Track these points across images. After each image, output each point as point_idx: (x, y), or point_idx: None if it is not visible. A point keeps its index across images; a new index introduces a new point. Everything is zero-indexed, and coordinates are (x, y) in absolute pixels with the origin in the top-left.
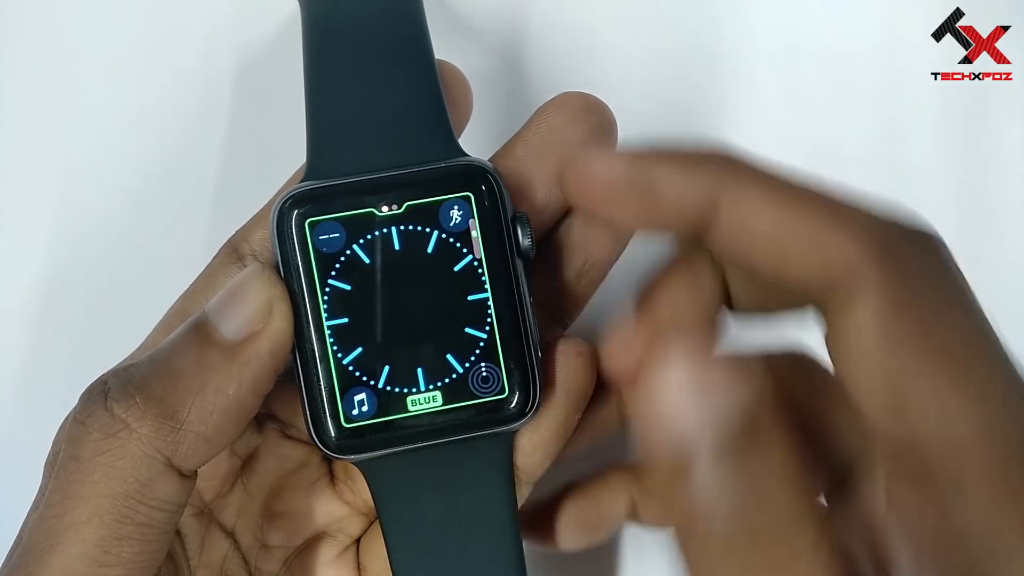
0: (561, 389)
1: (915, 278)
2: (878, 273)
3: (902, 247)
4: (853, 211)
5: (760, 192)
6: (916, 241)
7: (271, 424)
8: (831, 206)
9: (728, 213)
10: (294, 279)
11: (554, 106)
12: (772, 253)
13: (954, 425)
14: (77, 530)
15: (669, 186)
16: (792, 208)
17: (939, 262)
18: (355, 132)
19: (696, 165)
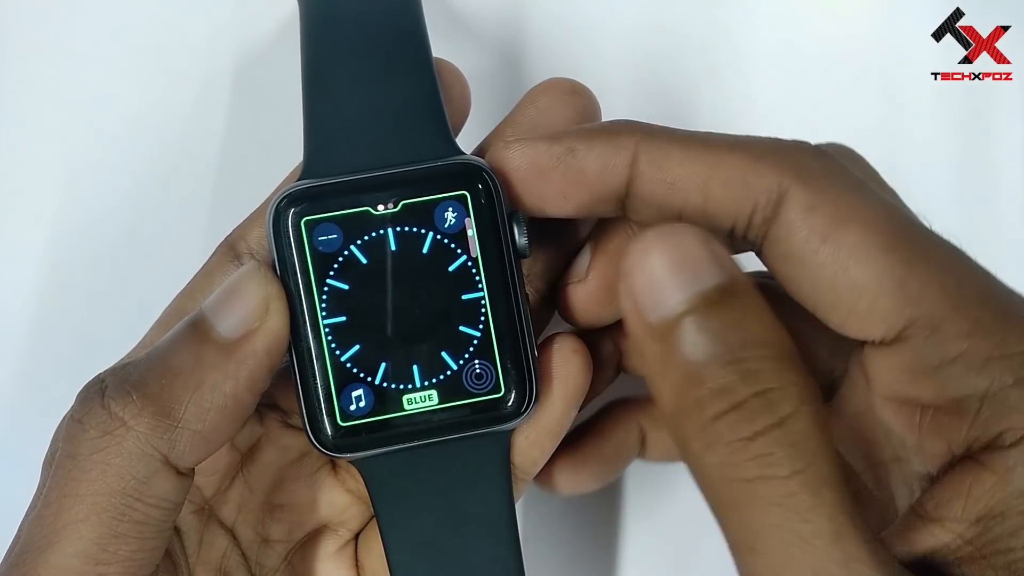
0: (557, 387)
1: (830, 183)
2: (797, 185)
3: (812, 162)
4: (757, 146)
5: (673, 146)
6: (823, 155)
7: (272, 414)
8: (735, 144)
9: (648, 169)
10: (290, 277)
11: (541, 90)
12: (693, 197)
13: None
14: (75, 528)
15: (588, 154)
16: (703, 152)
17: (845, 166)
18: (352, 130)
19: (610, 133)
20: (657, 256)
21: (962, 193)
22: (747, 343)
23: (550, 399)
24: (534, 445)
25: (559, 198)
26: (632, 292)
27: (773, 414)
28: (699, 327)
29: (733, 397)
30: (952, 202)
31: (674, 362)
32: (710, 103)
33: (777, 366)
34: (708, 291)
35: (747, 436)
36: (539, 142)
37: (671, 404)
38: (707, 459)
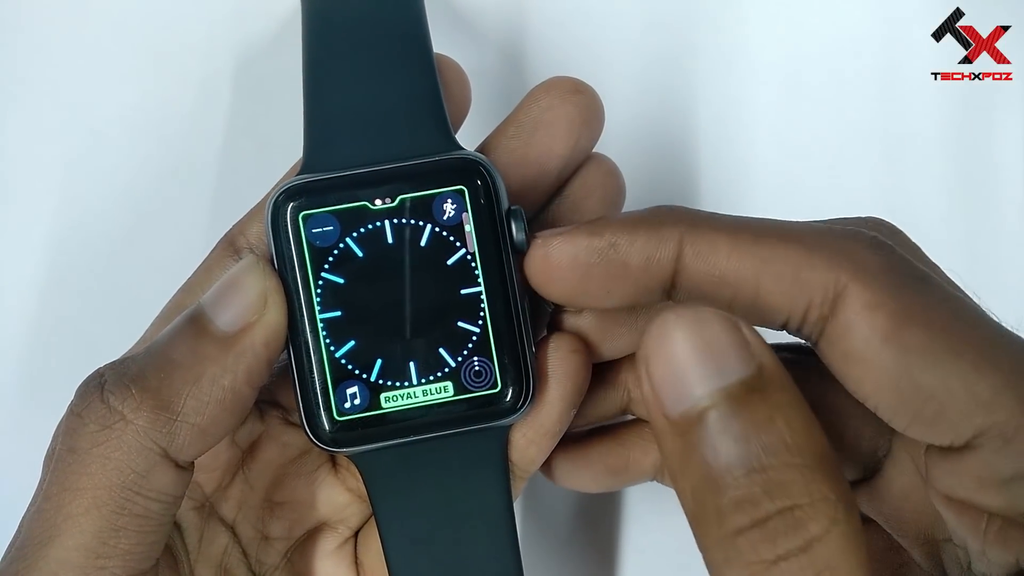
0: (556, 386)
1: (890, 279)
2: (856, 282)
3: (870, 255)
4: (810, 237)
5: (721, 238)
6: (880, 247)
7: (273, 411)
8: (786, 235)
9: (694, 263)
10: (288, 272)
11: (544, 88)
12: (744, 292)
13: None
14: (75, 521)
15: (631, 249)
16: (752, 245)
17: (906, 258)
18: (352, 126)
19: (652, 224)
20: (678, 342)
21: (962, 193)
22: (774, 448)
23: (548, 398)
24: (532, 443)
25: (602, 294)
26: (651, 379)
27: (799, 536)
28: (722, 427)
29: (755, 512)
30: (952, 202)
31: (694, 462)
32: (710, 103)
33: (806, 477)
34: (732, 386)
35: (769, 559)
36: (579, 237)
37: (690, 506)
38: (725, 573)
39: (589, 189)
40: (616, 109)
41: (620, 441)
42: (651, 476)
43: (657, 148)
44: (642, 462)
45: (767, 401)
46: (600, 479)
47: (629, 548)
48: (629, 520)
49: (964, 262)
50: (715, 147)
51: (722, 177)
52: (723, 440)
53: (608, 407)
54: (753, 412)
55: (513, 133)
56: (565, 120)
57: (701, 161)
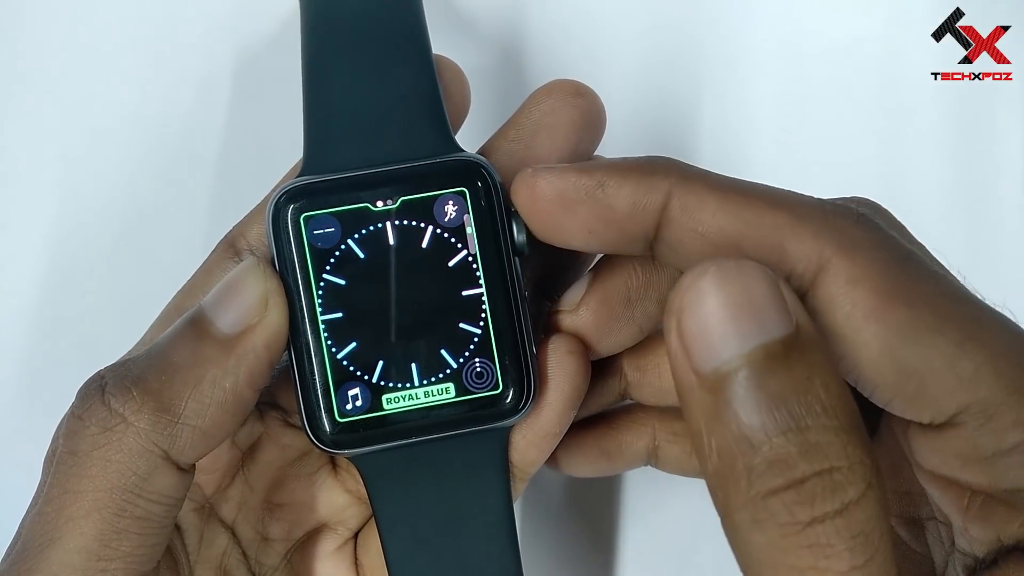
0: (555, 387)
1: (875, 255)
2: (840, 256)
3: (856, 230)
4: (798, 206)
5: (710, 195)
6: (867, 223)
7: (273, 412)
8: (775, 202)
9: (679, 216)
10: (289, 273)
11: (545, 91)
12: (722, 252)
13: (972, 389)
14: (76, 524)
15: (619, 192)
16: (740, 206)
17: (892, 235)
18: (351, 127)
19: (643, 171)
20: (715, 296)
21: (962, 193)
22: (811, 409)
23: (548, 400)
24: (532, 445)
25: (584, 233)
26: (682, 333)
27: (836, 499)
28: (758, 385)
29: (791, 473)
30: (952, 202)
31: (724, 419)
32: (711, 103)
33: (844, 440)
34: (772, 343)
35: (804, 521)
36: (568, 173)
37: (716, 464)
38: (753, 535)
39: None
40: (617, 110)
41: (613, 425)
42: (644, 460)
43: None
44: (635, 445)
45: (805, 361)
46: (595, 462)
47: (629, 548)
48: (629, 520)
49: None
50: (716, 148)
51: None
52: (759, 398)
53: (607, 396)
54: (791, 372)
55: (514, 136)
56: (566, 123)
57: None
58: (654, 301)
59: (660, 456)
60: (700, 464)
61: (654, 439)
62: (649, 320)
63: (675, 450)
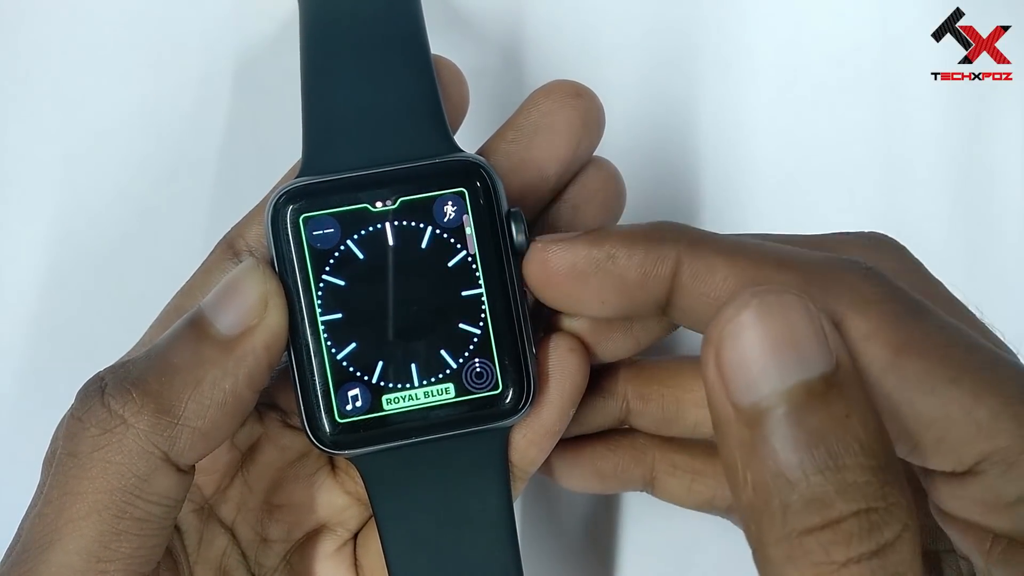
0: (555, 386)
1: (887, 308)
2: (852, 313)
3: (866, 286)
4: (807, 266)
5: (719, 260)
6: (876, 278)
7: (272, 414)
8: (783, 263)
9: (690, 283)
10: (288, 274)
11: (543, 92)
12: None
13: (992, 437)
14: (76, 526)
15: (629, 263)
16: (750, 270)
17: (902, 288)
18: (350, 128)
19: (651, 240)
20: (756, 329)
21: (962, 193)
22: (849, 448)
23: (548, 398)
24: (532, 444)
25: (597, 303)
26: (720, 365)
27: (873, 540)
28: (797, 422)
29: (828, 513)
30: (952, 202)
31: (761, 455)
32: (710, 103)
33: (881, 479)
34: (812, 380)
35: (840, 561)
36: (579, 245)
37: (751, 498)
38: (787, 572)
39: (589, 193)
40: (616, 111)
41: (612, 447)
42: (640, 486)
43: (658, 151)
44: (631, 471)
45: (844, 398)
46: (588, 481)
47: (629, 548)
48: (629, 520)
49: (963, 263)
50: (716, 148)
51: (723, 178)
52: (797, 435)
53: (606, 417)
54: (830, 409)
55: (513, 137)
56: (565, 124)
57: (702, 163)
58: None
59: (657, 486)
60: (734, 496)
61: (652, 468)
62: (647, 335)
63: (673, 482)
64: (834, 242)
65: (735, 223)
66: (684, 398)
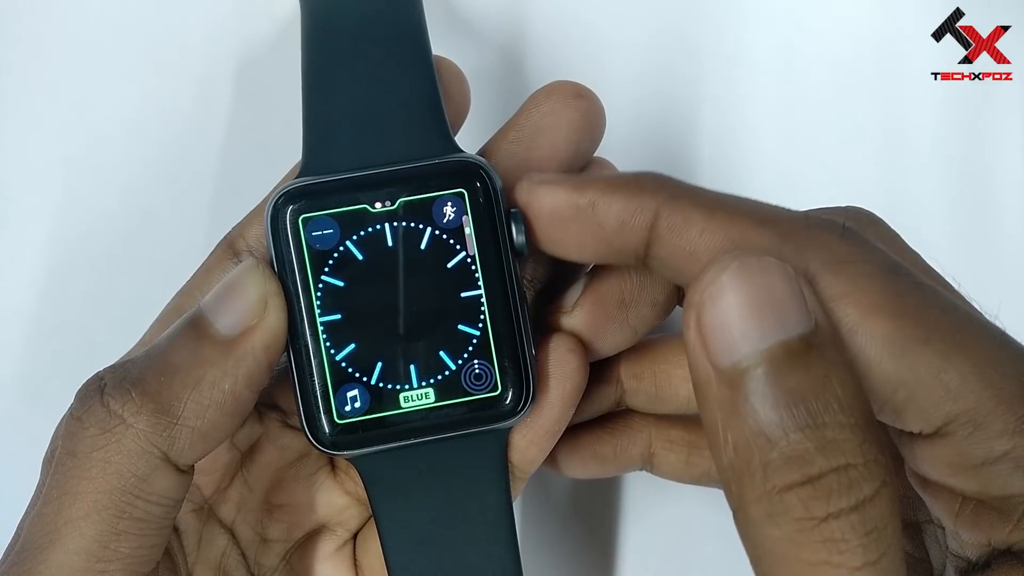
0: (554, 386)
1: (860, 269)
2: (825, 272)
3: (841, 246)
4: (785, 223)
5: (696, 213)
6: (852, 237)
7: (272, 414)
8: (762, 220)
9: (666, 234)
10: (288, 275)
11: (545, 93)
12: None
13: (959, 399)
14: (75, 525)
15: (608, 211)
16: (726, 224)
17: (877, 248)
18: (351, 128)
19: (632, 189)
20: (736, 291)
21: (962, 193)
22: (828, 407)
23: (547, 398)
24: (532, 444)
25: (576, 247)
26: (701, 327)
27: (852, 496)
28: (776, 381)
29: (808, 469)
30: (952, 202)
31: (741, 414)
32: (711, 104)
33: (860, 437)
34: (792, 341)
35: (820, 516)
36: (563, 189)
37: (732, 458)
38: (767, 529)
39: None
40: (617, 112)
41: (609, 430)
42: (639, 465)
43: (658, 151)
44: (630, 451)
45: (823, 359)
46: (588, 465)
47: (629, 548)
48: (629, 520)
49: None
50: (716, 148)
51: (724, 178)
52: (777, 394)
53: (603, 402)
54: (810, 369)
55: (514, 138)
56: (566, 125)
57: (703, 163)
58: (648, 304)
59: (655, 462)
60: (714, 457)
61: (650, 446)
62: (643, 323)
63: (671, 457)
64: (815, 213)
65: None
66: (675, 373)
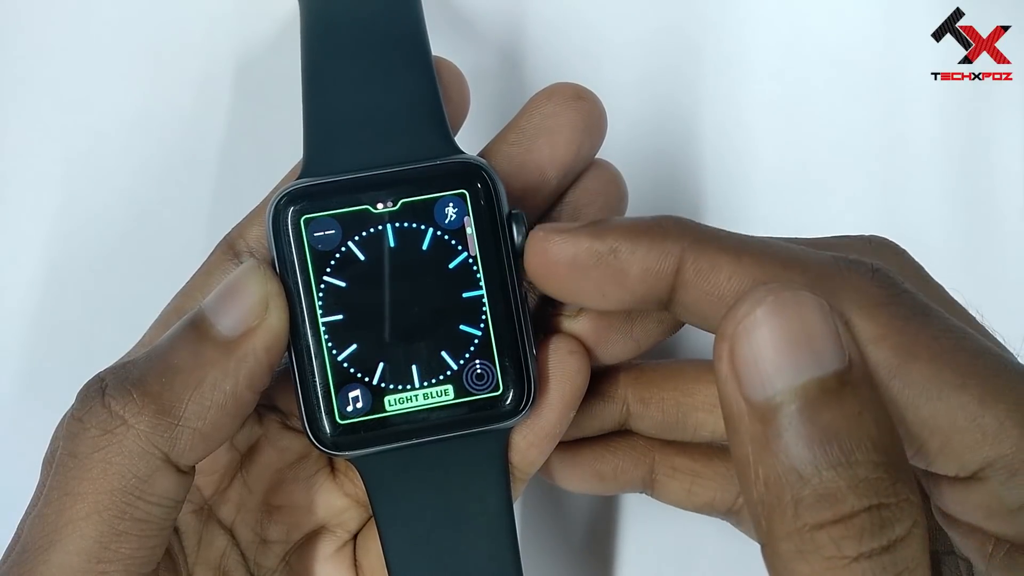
0: (555, 388)
1: (894, 311)
2: (860, 315)
3: (873, 287)
4: (813, 265)
5: (723, 258)
6: (883, 278)
7: (272, 415)
8: (789, 262)
9: (694, 280)
10: (289, 276)
11: (546, 95)
12: None
13: (997, 444)
14: (76, 526)
15: (631, 258)
16: (755, 268)
17: (909, 291)
18: (351, 129)
19: (655, 235)
20: (771, 325)
21: (962, 193)
22: (862, 445)
23: (548, 400)
24: (532, 445)
25: (596, 295)
26: (734, 360)
27: (884, 536)
28: (810, 418)
29: (840, 508)
30: (952, 202)
31: (773, 450)
32: (711, 105)
33: (892, 476)
34: (826, 377)
35: (851, 555)
36: (581, 237)
37: (763, 494)
38: (796, 565)
39: (591, 196)
40: (618, 113)
41: (611, 449)
42: (639, 488)
43: (659, 152)
44: (631, 473)
45: (857, 396)
46: (587, 482)
47: (629, 549)
48: (629, 520)
49: (963, 263)
50: (717, 149)
51: (724, 179)
52: (810, 431)
53: (606, 421)
54: (844, 406)
55: (514, 140)
56: (567, 127)
57: (703, 164)
58: (655, 320)
59: (656, 488)
60: (743, 491)
61: (652, 471)
62: (648, 337)
63: (673, 484)
64: (836, 244)
65: (736, 223)
66: (684, 402)
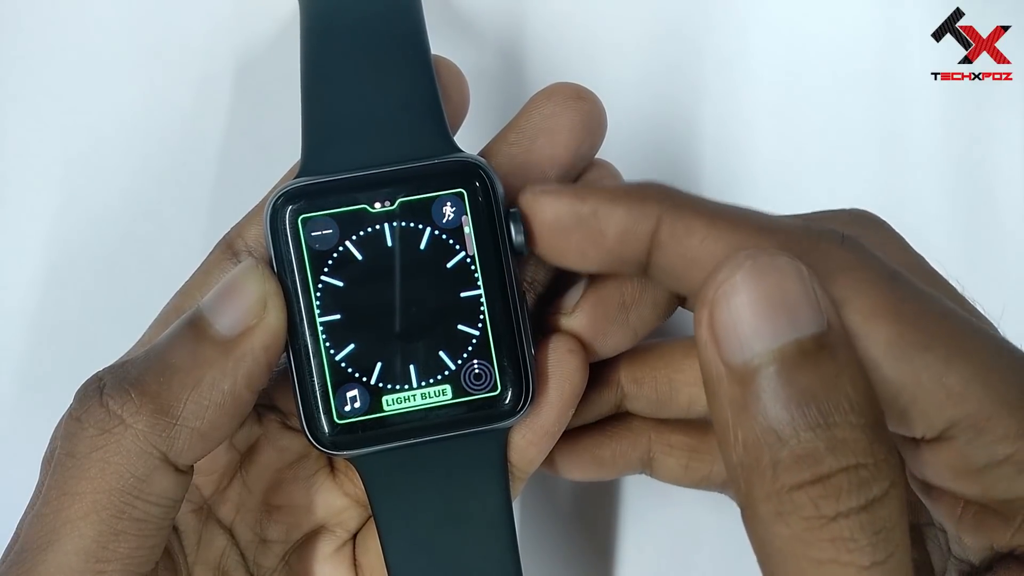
0: (554, 387)
1: (860, 275)
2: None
3: (841, 253)
4: (784, 231)
5: (698, 221)
6: (852, 246)
7: (271, 415)
8: (762, 228)
9: (668, 242)
10: (287, 275)
11: (545, 95)
12: None
13: (962, 403)
14: (74, 526)
15: (609, 219)
16: (728, 232)
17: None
18: (350, 128)
19: (634, 198)
20: (750, 289)
21: (962, 193)
22: (839, 406)
23: (547, 399)
24: (531, 444)
25: (578, 256)
26: (713, 324)
27: (861, 495)
28: (788, 380)
29: (818, 468)
30: (952, 202)
31: (752, 412)
32: (711, 104)
33: (869, 437)
34: (804, 340)
35: (829, 515)
36: (565, 198)
37: (742, 456)
38: (775, 527)
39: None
40: (618, 113)
41: (609, 433)
42: (639, 469)
43: (659, 152)
44: (629, 454)
45: (834, 358)
46: (587, 468)
47: (629, 548)
48: (629, 520)
49: (963, 261)
50: (717, 149)
51: (724, 178)
52: (788, 393)
53: (602, 406)
54: (821, 368)
55: (514, 139)
56: (567, 127)
57: (703, 164)
58: (649, 306)
59: (655, 467)
60: (723, 455)
61: (649, 450)
62: (644, 324)
63: (670, 462)
64: (816, 218)
65: None
66: (676, 378)
